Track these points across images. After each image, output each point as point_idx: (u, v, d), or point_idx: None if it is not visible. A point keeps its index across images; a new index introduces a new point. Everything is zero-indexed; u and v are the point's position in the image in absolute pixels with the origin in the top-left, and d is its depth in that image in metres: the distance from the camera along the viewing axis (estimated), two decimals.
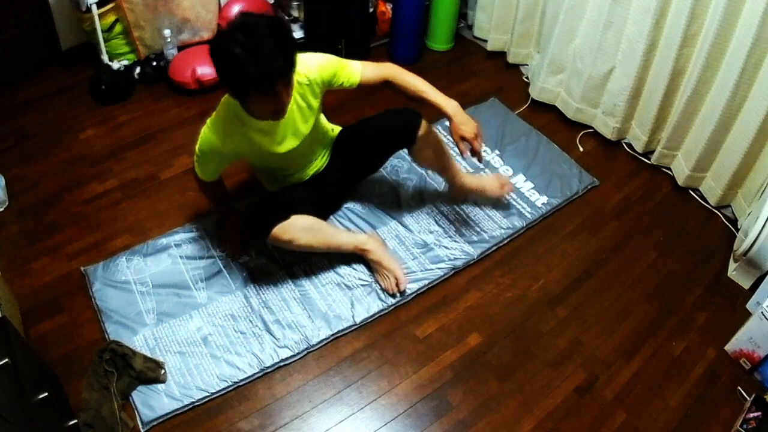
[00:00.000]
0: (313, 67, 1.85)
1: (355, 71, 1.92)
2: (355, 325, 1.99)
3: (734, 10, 2.03)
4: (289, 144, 1.92)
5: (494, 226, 2.30)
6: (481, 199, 2.36)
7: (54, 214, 2.28)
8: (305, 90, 1.86)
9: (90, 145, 2.56)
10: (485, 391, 1.87)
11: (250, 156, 1.95)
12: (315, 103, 1.91)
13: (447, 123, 2.04)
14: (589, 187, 2.50)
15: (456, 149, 2.10)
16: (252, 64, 1.55)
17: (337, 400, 1.83)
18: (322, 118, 2.12)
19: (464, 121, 1.94)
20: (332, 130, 2.20)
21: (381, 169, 2.41)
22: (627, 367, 1.95)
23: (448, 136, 2.56)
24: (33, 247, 2.18)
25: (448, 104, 1.94)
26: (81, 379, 1.79)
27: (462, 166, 2.46)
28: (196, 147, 1.89)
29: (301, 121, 1.91)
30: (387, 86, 1.98)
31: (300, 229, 1.94)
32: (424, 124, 2.07)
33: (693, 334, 2.06)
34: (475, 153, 1.98)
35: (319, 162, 2.16)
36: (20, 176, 2.41)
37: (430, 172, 2.48)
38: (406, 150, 2.17)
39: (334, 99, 2.64)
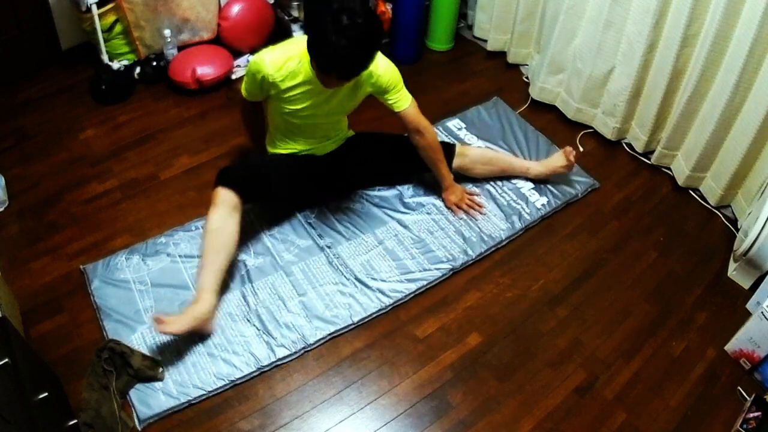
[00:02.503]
0: (382, 69, 2.00)
1: (406, 99, 2.10)
2: (353, 324, 1.99)
3: (734, 10, 2.04)
4: (324, 108, 2.02)
5: (493, 227, 2.30)
6: (557, 177, 2.48)
7: (54, 214, 2.28)
8: (366, 78, 2.00)
9: (90, 145, 2.56)
10: (485, 391, 1.87)
11: (286, 94, 1.96)
12: (362, 94, 2.06)
13: (448, 122, 2.28)
14: (590, 189, 2.50)
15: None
16: (345, 63, 1.77)
17: (337, 400, 1.83)
18: None
19: (454, 190, 2.32)
20: (348, 128, 2.29)
21: None
22: (627, 367, 1.95)
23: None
24: (33, 247, 2.18)
25: (449, 178, 2.30)
26: (81, 379, 1.79)
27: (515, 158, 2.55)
28: (247, 66, 1.96)
29: (345, 98, 2.03)
30: (414, 136, 2.17)
31: (217, 213, 1.95)
32: (458, 152, 2.32)
33: (693, 334, 2.06)
34: (470, 210, 2.33)
35: (327, 146, 2.20)
36: (20, 176, 2.41)
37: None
38: None
39: None
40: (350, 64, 1.80)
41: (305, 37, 1.91)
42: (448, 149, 2.31)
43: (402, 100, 2.09)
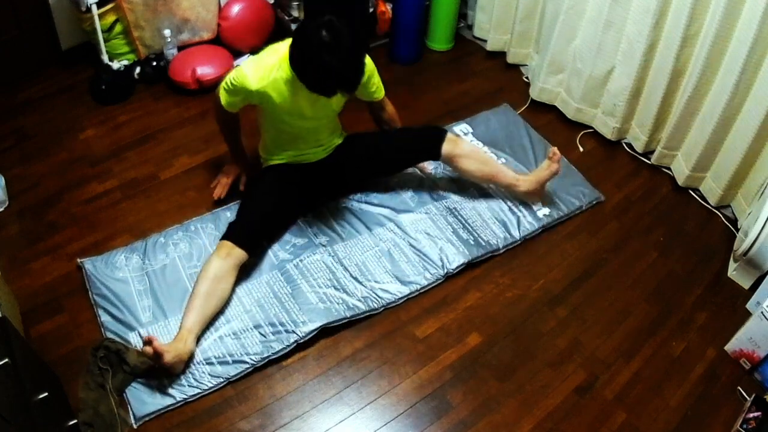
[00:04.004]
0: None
1: (382, 88, 2.19)
2: (346, 319, 1.99)
3: (734, 10, 2.04)
4: (311, 111, 2.04)
5: (492, 233, 2.28)
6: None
7: (54, 214, 2.28)
8: None
9: (90, 145, 2.56)
10: (485, 391, 1.87)
11: (271, 103, 1.99)
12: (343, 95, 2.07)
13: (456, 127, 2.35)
14: (594, 202, 2.45)
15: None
16: (340, 79, 1.82)
17: (337, 400, 1.83)
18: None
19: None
20: (342, 132, 2.28)
21: None
22: (627, 367, 1.95)
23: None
24: (33, 247, 2.18)
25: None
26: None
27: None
28: (228, 77, 1.99)
29: (327, 100, 2.00)
30: (376, 109, 2.28)
31: (222, 264, 1.94)
32: (449, 139, 2.23)
33: (693, 334, 2.06)
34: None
35: (320, 152, 2.20)
36: (20, 176, 2.41)
37: (444, 171, 2.48)
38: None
39: None
40: (353, 76, 1.85)
41: (282, 44, 1.96)
42: (437, 133, 2.24)
43: (380, 87, 2.17)
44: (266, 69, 1.93)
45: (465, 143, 2.31)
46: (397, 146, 2.28)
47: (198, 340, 1.89)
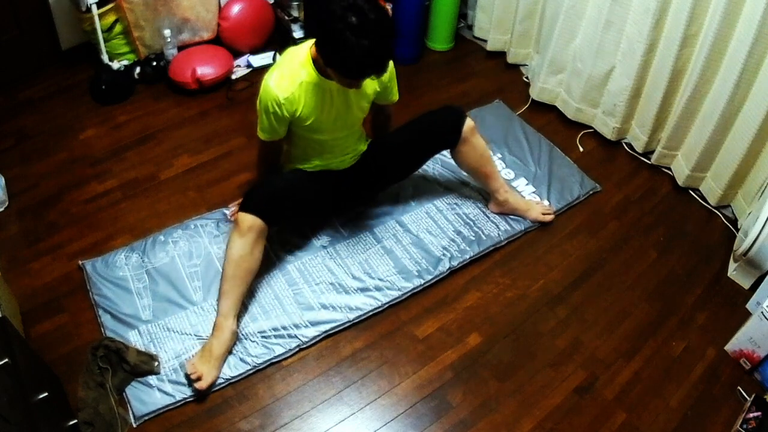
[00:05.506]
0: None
1: (397, 91, 2.10)
2: (349, 322, 1.99)
3: (734, 10, 2.04)
4: (338, 117, 1.96)
5: (492, 227, 2.30)
6: (519, 217, 2.35)
7: (54, 214, 2.28)
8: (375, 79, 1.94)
9: (90, 145, 2.56)
10: (485, 391, 1.87)
11: (299, 112, 1.89)
12: (370, 87, 1.99)
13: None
14: (591, 192, 2.49)
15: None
16: (375, 60, 1.72)
17: (337, 400, 1.83)
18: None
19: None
20: (367, 139, 2.22)
21: None
22: (627, 367, 1.95)
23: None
24: (33, 247, 2.18)
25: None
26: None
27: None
28: (257, 103, 1.90)
29: (357, 100, 1.97)
30: (382, 113, 2.20)
31: (242, 241, 1.88)
32: (469, 122, 2.15)
33: (693, 334, 2.06)
34: None
35: (347, 161, 2.14)
36: (20, 176, 2.41)
37: (447, 174, 2.48)
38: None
39: None
40: (380, 57, 1.74)
41: (300, 48, 1.89)
42: (458, 114, 2.14)
43: (397, 91, 2.09)
44: (288, 74, 1.85)
45: (481, 138, 2.22)
46: (420, 130, 2.18)
47: (238, 319, 1.90)
